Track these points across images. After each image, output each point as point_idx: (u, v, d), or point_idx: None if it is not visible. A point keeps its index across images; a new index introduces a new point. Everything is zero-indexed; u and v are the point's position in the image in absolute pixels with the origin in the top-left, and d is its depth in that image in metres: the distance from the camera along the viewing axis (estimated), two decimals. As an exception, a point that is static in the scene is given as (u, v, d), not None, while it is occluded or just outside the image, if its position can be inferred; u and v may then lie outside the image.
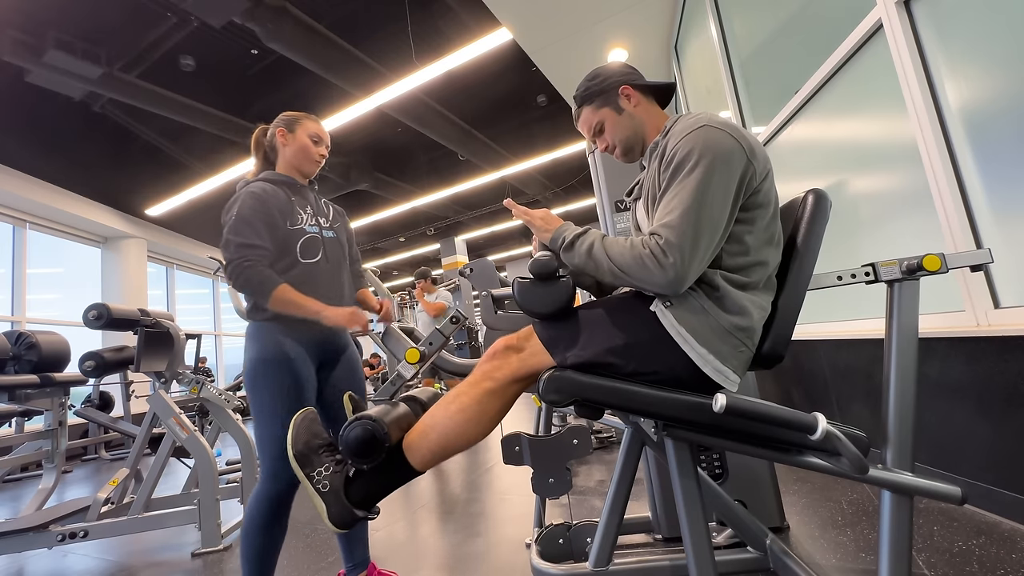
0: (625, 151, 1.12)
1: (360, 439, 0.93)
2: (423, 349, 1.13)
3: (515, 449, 1.34)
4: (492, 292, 1.76)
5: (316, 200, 1.51)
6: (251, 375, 1.31)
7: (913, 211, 1.82)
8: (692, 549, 0.93)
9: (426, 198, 8.52)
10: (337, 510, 0.94)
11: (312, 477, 0.96)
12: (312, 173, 1.50)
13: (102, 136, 5.48)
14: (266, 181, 1.41)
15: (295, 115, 1.48)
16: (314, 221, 1.44)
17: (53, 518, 2.05)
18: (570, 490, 1.33)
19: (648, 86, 1.10)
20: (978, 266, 0.92)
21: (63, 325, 6.43)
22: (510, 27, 3.90)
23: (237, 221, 1.30)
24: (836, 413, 2.35)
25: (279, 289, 1.27)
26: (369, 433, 0.93)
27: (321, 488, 0.95)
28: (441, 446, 0.97)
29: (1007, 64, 1.42)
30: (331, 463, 0.98)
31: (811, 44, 2.27)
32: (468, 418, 0.96)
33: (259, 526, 1.27)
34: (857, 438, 0.78)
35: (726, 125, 0.91)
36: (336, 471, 0.97)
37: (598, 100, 1.10)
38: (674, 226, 0.85)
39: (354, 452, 0.94)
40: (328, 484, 0.95)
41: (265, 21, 3.95)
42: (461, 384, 1.00)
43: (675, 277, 0.84)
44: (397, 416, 1.02)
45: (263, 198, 1.35)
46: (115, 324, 2.51)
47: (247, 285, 1.27)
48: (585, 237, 0.96)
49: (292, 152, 1.45)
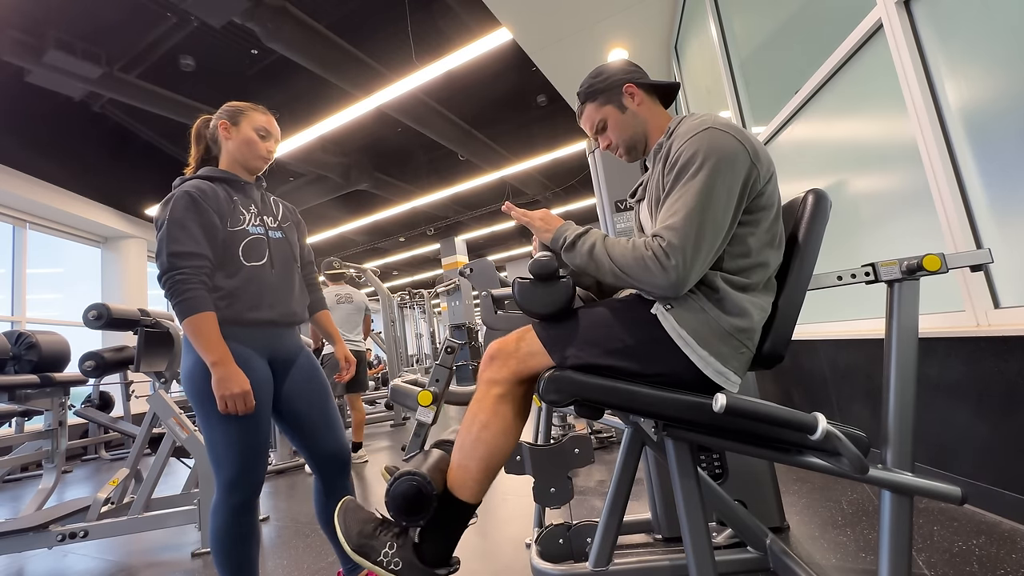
0: (628, 150, 1.11)
1: (407, 495, 0.92)
2: (433, 390, 1.13)
3: (516, 459, 1.34)
4: (492, 292, 1.76)
5: (263, 198, 1.41)
6: (193, 384, 1.19)
7: (913, 211, 1.82)
8: (692, 549, 0.93)
9: (426, 198, 8.52)
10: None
11: (382, 563, 0.93)
12: (259, 170, 1.39)
13: (102, 136, 5.48)
14: (203, 179, 1.29)
15: (240, 106, 1.36)
16: (259, 221, 1.33)
17: (53, 518, 2.05)
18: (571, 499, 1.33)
19: (652, 85, 1.09)
20: (978, 266, 0.92)
21: (63, 325, 6.43)
22: (510, 27, 3.90)
23: (170, 225, 1.18)
24: (836, 413, 2.35)
25: (199, 316, 1.15)
26: (415, 488, 0.92)
27: (395, 568, 0.92)
28: (483, 471, 0.95)
29: (1007, 64, 1.42)
30: (392, 540, 0.95)
31: (811, 44, 2.27)
32: (494, 432, 0.95)
33: (229, 538, 1.19)
34: (857, 438, 0.78)
35: (731, 127, 0.91)
36: (401, 545, 0.94)
37: (601, 97, 1.09)
38: (677, 228, 0.85)
39: (406, 511, 0.92)
40: (400, 561, 0.92)
41: (265, 21, 3.95)
42: (471, 404, 0.99)
43: (677, 279, 0.84)
44: (434, 462, 1.00)
45: (198, 199, 1.23)
46: (115, 324, 2.51)
47: (173, 299, 1.16)
48: (586, 237, 0.95)
49: (235, 146, 1.34)
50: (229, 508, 1.19)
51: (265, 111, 1.40)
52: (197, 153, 1.42)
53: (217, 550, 1.20)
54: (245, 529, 1.21)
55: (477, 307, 2.52)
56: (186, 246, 1.18)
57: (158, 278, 1.19)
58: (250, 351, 1.25)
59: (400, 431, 4.98)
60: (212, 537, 1.20)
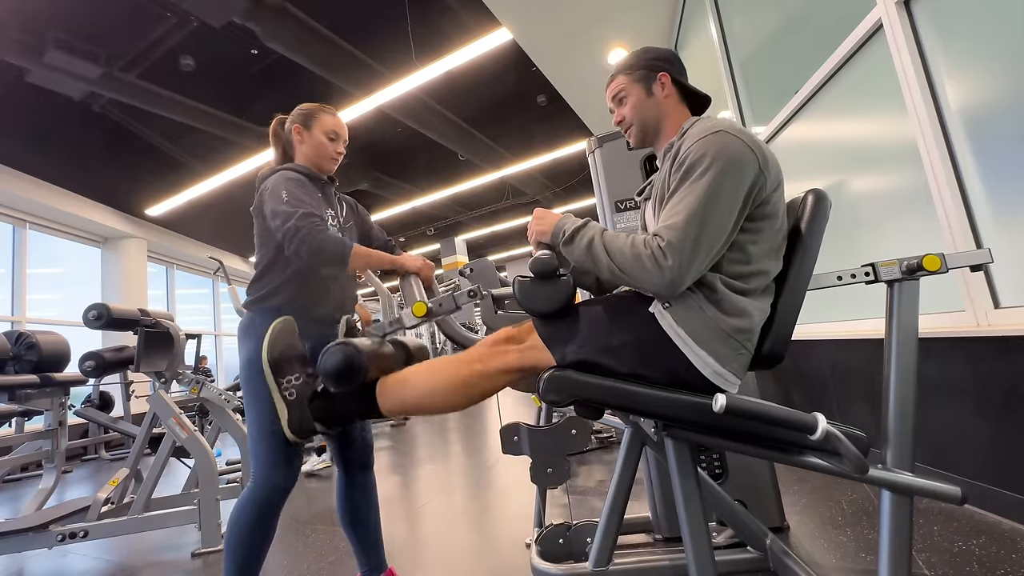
0: (638, 133, 1.10)
1: (338, 364, 0.96)
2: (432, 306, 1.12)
3: (514, 439, 1.34)
4: (492, 292, 1.76)
5: (333, 197, 1.47)
6: (247, 373, 1.25)
7: (913, 211, 1.82)
8: (692, 549, 0.93)
9: (426, 198, 8.51)
10: (298, 418, 0.99)
11: (280, 383, 1.01)
12: (330, 171, 1.45)
13: (102, 136, 5.48)
14: (294, 171, 1.35)
15: (311, 109, 1.42)
16: (334, 221, 1.39)
17: (53, 518, 2.05)
18: (569, 479, 1.33)
19: (686, 86, 1.09)
20: (978, 266, 0.92)
21: (63, 325, 6.43)
22: (510, 27, 3.90)
23: (290, 196, 1.23)
24: (836, 413, 2.35)
25: (356, 248, 1.23)
26: (348, 361, 0.96)
27: (287, 395, 1.00)
28: (413, 402, 1.01)
29: (1007, 64, 1.42)
30: (302, 374, 1.03)
31: (811, 44, 2.27)
32: (450, 389, 0.98)
33: (246, 531, 1.20)
34: (857, 438, 0.78)
35: (743, 133, 0.91)
36: (305, 383, 1.02)
37: (637, 73, 1.08)
38: (677, 228, 0.84)
39: (329, 375, 0.97)
40: (295, 393, 1.01)
41: (265, 21, 3.95)
42: (455, 356, 1.02)
43: (671, 280, 0.84)
44: (381, 354, 1.04)
45: (303, 181, 1.31)
46: (115, 324, 2.51)
47: (322, 250, 1.19)
48: (584, 231, 0.95)
49: (309, 149, 1.40)
50: (257, 500, 1.20)
51: (333, 112, 1.44)
52: (277, 152, 1.48)
53: (232, 540, 1.20)
54: (264, 525, 1.22)
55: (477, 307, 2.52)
56: (307, 208, 1.22)
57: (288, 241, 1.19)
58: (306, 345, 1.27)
59: (400, 431, 4.98)
60: (231, 525, 1.21)
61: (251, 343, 1.25)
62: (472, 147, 6.66)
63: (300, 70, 4.57)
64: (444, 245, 11.61)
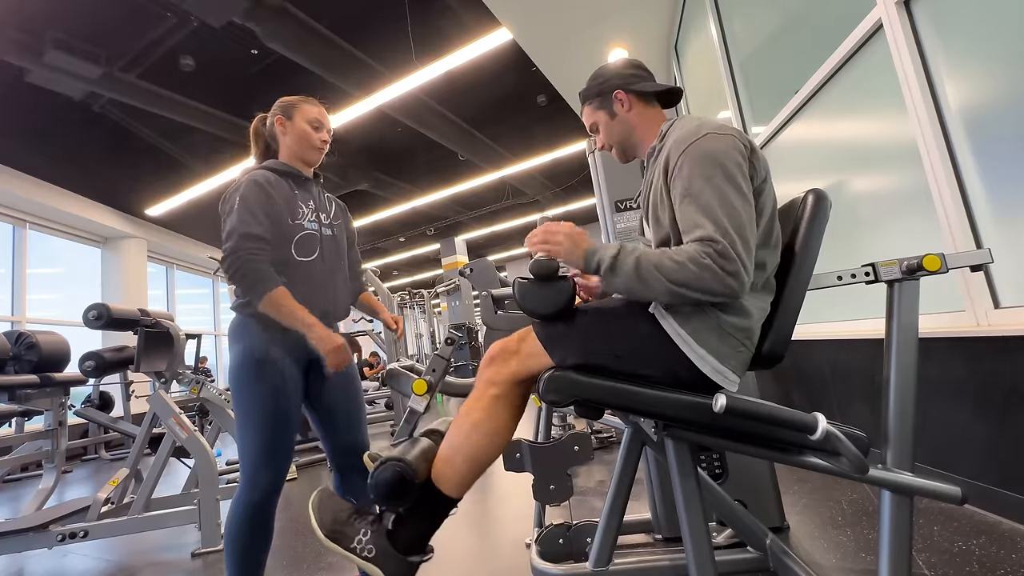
0: (619, 153, 1.14)
1: (390, 482, 0.91)
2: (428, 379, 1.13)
3: (516, 456, 1.34)
4: (492, 292, 1.76)
5: (319, 195, 1.44)
6: (235, 377, 1.23)
7: (913, 211, 1.82)
8: (692, 549, 0.93)
9: (426, 198, 8.52)
10: (393, 567, 0.91)
11: (355, 549, 0.92)
12: (316, 161, 1.42)
13: (102, 136, 5.48)
14: (270, 170, 1.33)
15: (292, 100, 1.39)
16: (314, 217, 1.36)
17: (53, 518, 2.05)
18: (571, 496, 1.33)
19: (646, 92, 1.08)
20: (978, 266, 0.92)
21: (63, 325, 6.42)
22: (510, 27, 3.90)
23: (241, 208, 1.22)
24: (836, 413, 2.35)
25: (276, 292, 1.19)
26: (398, 474, 0.91)
27: (368, 555, 0.91)
28: (469, 467, 0.96)
29: (1007, 64, 1.42)
30: (366, 527, 0.95)
31: (811, 44, 2.27)
32: (484, 431, 0.95)
33: (240, 533, 1.20)
34: (857, 438, 0.78)
35: (725, 128, 0.91)
36: (375, 531, 0.94)
37: (596, 101, 1.10)
38: (724, 229, 0.82)
39: (387, 496, 0.92)
40: (373, 548, 0.92)
41: (265, 21, 3.95)
42: (467, 400, 0.99)
43: (743, 281, 0.82)
44: (421, 451, 1.00)
45: (267, 188, 1.27)
46: (115, 324, 2.51)
47: (244, 279, 1.18)
48: (623, 257, 0.88)
49: (292, 140, 1.37)
50: (246, 504, 1.20)
51: (316, 102, 1.41)
52: (257, 151, 1.45)
53: (228, 543, 1.21)
54: (258, 528, 1.21)
55: (477, 307, 2.52)
56: (253, 229, 1.21)
57: (223, 259, 1.20)
58: (287, 350, 1.26)
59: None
60: (227, 529, 1.21)
61: (240, 345, 1.24)
62: (472, 147, 6.66)
63: (300, 70, 4.58)
64: (444, 245, 11.61)
